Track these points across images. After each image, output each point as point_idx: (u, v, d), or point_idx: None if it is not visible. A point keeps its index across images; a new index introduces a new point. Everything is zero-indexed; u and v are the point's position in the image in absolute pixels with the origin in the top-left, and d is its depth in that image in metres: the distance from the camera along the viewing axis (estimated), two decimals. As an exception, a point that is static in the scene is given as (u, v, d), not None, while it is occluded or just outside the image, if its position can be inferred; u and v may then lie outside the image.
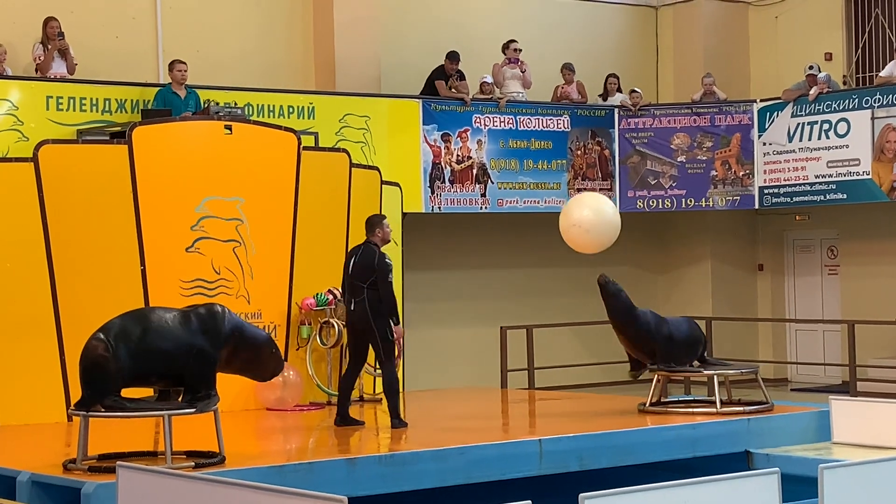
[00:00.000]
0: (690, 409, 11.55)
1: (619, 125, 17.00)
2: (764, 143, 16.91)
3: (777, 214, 17.91)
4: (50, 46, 13.38)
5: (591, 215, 11.11)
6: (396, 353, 13.34)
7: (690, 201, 17.06)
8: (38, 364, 11.92)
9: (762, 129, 16.93)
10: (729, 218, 17.99)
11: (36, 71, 13.39)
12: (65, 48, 13.45)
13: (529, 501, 5.60)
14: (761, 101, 17.09)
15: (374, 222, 11.23)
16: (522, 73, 16.40)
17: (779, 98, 16.88)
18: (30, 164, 12.07)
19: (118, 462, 7.40)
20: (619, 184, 16.97)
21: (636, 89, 17.17)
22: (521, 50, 16.40)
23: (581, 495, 5.77)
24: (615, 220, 11.25)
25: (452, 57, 15.83)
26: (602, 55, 18.09)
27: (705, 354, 11.91)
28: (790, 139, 16.70)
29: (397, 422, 10.75)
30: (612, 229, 11.21)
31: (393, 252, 14.52)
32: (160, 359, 8.85)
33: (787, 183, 16.73)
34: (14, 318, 11.90)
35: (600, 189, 16.79)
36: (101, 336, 8.82)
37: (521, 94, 16.38)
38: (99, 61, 13.97)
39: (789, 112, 16.72)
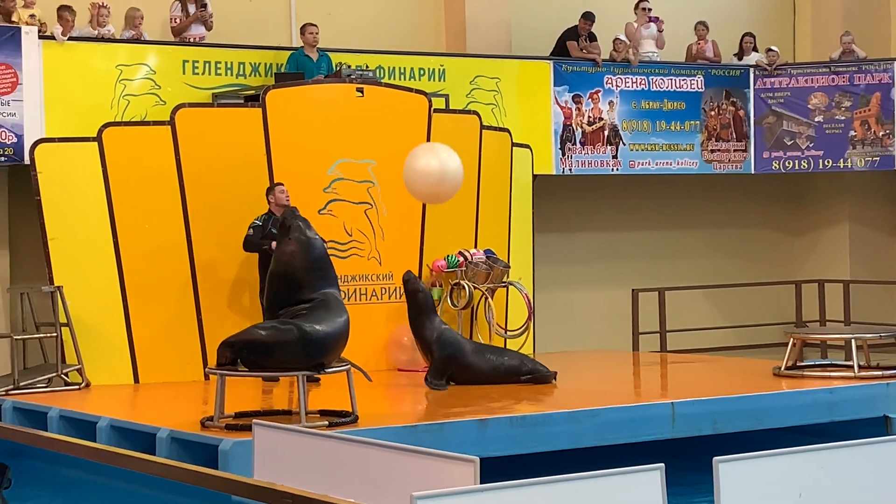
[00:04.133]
0: (827, 374, 11.37)
1: (754, 85, 16.70)
2: (905, 102, 16.48)
3: (918, 175, 17.46)
4: (191, 13, 13.47)
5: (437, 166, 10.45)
6: (528, 315, 13.36)
7: (828, 162, 16.71)
8: (176, 324, 12.19)
9: (903, 88, 16.49)
10: (868, 179, 17.59)
11: (172, 31, 13.54)
12: (205, 4, 13.53)
13: (662, 465, 5.56)
14: (902, 58, 16.65)
15: (267, 191, 12.03)
16: (660, 32, 16.14)
17: (921, 55, 16.43)
18: (167, 128, 12.30)
19: (254, 420, 7.52)
20: (755, 145, 16.68)
21: (773, 48, 16.83)
22: (650, 9, 16.17)
23: (715, 459, 5.72)
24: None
25: (588, 17, 15.66)
26: (737, 13, 17.76)
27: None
28: (933, 98, 16.25)
29: None
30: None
31: (524, 214, 14.53)
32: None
33: (930, 143, 16.29)
34: (153, 280, 12.16)
35: (735, 150, 16.53)
36: None
37: (654, 54, 16.16)
38: (233, 25, 14.14)
39: (932, 70, 16.26)
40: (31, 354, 12.38)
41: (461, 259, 13.11)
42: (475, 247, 13.45)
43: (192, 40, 13.36)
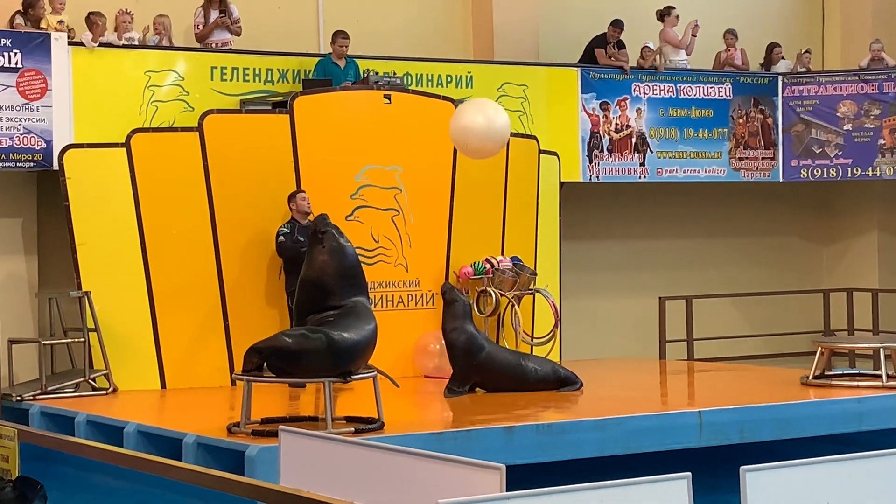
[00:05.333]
0: (855, 383, 11.30)
1: (782, 93, 16.63)
2: (935, 111, 16.39)
3: (948, 184, 17.35)
4: (214, 19, 13.46)
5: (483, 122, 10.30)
6: (554, 323, 13.34)
7: (857, 170, 16.62)
8: (203, 330, 12.22)
9: (933, 96, 16.40)
10: (897, 188, 17.51)
11: (196, 38, 13.50)
12: (225, 8, 13.48)
13: (689, 473, 5.54)
14: (932, 66, 16.55)
15: (288, 198, 12.22)
16: (693, 37, 16.01)
17: (951, 63, 16.32)
18: (195, 134, 12.34)
19: (280, 426, 7.53)
20: (783, 153, 16.61)
21: (809, 49, 16.75)
22: (679, 17, 16.10)
23: (742, 468, 5.69)
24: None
25: (617, 24, 15.60)
26: (765, 21, 17.68)
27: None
28: (963, 106, 16.15)
29: None
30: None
31: (550, 222, 14.51)
32: None
33: (960, 151, 16.19)
34: (180, 285, 12.20)
35: (763, 158, 16.46)
36: None
37: (684, 62, 16.08)
38: (261, 32, 14.17)
39: (962, 78, 16.16)
40: (58, 359, 12.44)
41: (488, 266, 13.10)
42: (502, 254, 13.44)
43: (214, 46, 13.36)
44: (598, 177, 15.44)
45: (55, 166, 12.18)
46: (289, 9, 14.79)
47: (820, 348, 11.60)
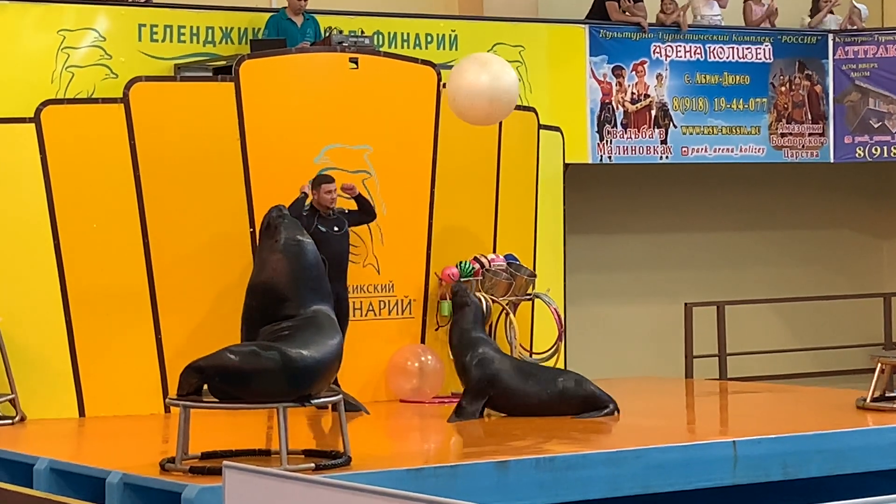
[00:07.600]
0: (923, 407, 11.40)
1: (833, 55, 16.70)
2: None
3: None
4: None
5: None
6: (558, 334, 13.38)
7: (924, 149, 16.74)
8: (130, 345, 12.21)
9: None
10: (972, 169, 17.63)
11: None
12: None
13: (722, 516, 5.59)
14: None
15: (312, 184, 12.03)
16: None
17: None
18: (120, 106, 12.33)
19: (224, 462, 7.54)
20: (834, 127, 16.68)
21: (856, 4, 16.80)
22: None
23: (786, 509, 5.74)
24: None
25: (630, -29, 15.69)
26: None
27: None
28: None
29: None
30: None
31: (553, 212, 14.54)
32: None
33: None
34: (103, 291, 12.19)
35: (810, 134, 16.52)
36: None
37: (718, 17, 16.13)
38: (200, -17, 14.19)
39: None
40: (-47, 381, 12.44)
41: (477, 266, 13.12)
42: (494, 252, 13.47)
43: (134, 1, 13.33)
44: (610, 157, 15.49)
45: (-51, 146, 12.18)
46: (234, -46, 14.81)
47: (880, 364, 11.66)
